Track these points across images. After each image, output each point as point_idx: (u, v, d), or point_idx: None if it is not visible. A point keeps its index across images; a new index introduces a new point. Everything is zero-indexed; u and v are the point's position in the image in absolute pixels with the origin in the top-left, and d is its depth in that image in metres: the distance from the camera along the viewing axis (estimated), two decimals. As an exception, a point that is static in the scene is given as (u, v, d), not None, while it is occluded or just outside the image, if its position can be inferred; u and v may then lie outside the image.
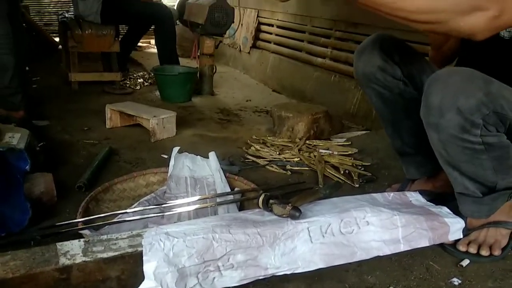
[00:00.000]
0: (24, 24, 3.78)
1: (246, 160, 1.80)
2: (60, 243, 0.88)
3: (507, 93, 0.95)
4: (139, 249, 0.87)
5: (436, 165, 1.13)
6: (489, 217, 1.11)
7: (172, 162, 1.47)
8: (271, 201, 1.03)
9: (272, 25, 3.46)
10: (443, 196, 1.27)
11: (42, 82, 3.08)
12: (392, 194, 1.23)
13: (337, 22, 2.67)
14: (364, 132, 2.16)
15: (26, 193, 1.23)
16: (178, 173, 1.45)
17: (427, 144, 1.08)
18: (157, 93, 2.84)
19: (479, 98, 0.91)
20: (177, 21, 3.18)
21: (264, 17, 3.56)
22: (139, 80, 3.18)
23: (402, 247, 1.05)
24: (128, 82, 3.14)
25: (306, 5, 2.99)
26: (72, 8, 3.18)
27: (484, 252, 1.08)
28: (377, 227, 1.04)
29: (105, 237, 0.91)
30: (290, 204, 1.01)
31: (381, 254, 1.03)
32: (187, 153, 1.55)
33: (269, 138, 2.05)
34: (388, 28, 2.24)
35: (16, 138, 1.47)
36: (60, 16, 3.14)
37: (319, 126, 2.08)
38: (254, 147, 1.92)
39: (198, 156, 1.55)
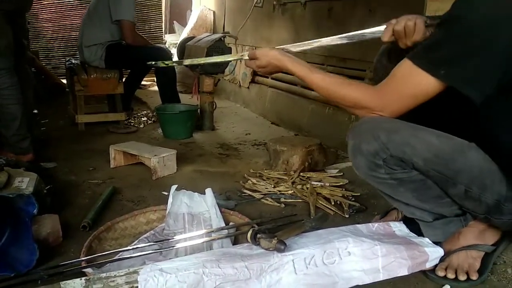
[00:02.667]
0: (33, 69, 4.00)
1: (243, 194, 1.88)
2: (64, 281, 0.96)
3: (415, 141, 1.07)
4: (135, 285, 0.95)
5: None
6: (460, 241, 1.18)
7: (170, 200, 1.56)
8: (258, 235, 1.11)
9: (269, 61, 3.61)
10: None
11: (50, 124, 3.23)
12: (376, 224, 1.30)
13: (328, 58, 2.81)
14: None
15: (33, 235, 1.32)
16: (176, 210, 1.53)
17: None
18: (160, 130, 2.96)
19: (375, 145, 1.08)
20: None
21: (261, 54, 3.72)
22: (143, 119, 3.32)
23: (382, 276, 1.11)
24: (132, 121, 3.28)
25: (299, 42, 3.13)
26: (77, 53, 3.37)
27: (461, 277, 1.14)
28: (358, 257, 1.11)
29: (104, 274, 0.99)
30: (276, 238, 1.09)
31: (361, 283, 1.10)
32: (185, 190, 1.64)
33: (265, 171, 2.14)
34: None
35: (25, 182, 1.58)
36: (67, 62, 3.32)
37: (313, 158, 2.17)
38: (251, 181, 2.00)
39: (196, 193, 1.63)
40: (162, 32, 5.92)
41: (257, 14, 3.63)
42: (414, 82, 1.04)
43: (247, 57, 1.39)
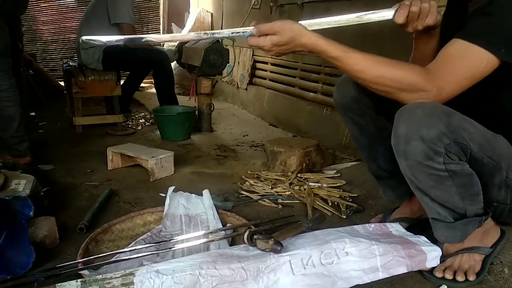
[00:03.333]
0: (31, 71, 4.01)
1: (240, 196, 1.88)
2: (59, 283, 0.96)
3: (467, 125, 1.03)
4: (131, 287, 0.95)
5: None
6: (463, 243, 1.17)
7: (167, 201, 1.56)
8: (255, 236, 1.11)
9: (267, 63, 3.63)
10: (421, 222, 1.33)
11: (48, 127, 3.23)
12: (373, 225, 1.30)
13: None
14: (353, 163, 2.24)
15: (30, 237, 1.31)
16: (173, 212, 1.54)
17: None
18: (158, 132, 2.96)
19: (440, 129, 1.00)
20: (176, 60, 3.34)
21: (259, 55, 3.73)
22: (140, 121, 3.32)
23: (381, 275, 1.11)
24: (130, 123, 3.28)
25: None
26: (75, 56, 3.37)
27: (460, 278, 1.13)
28: (356, 257, 1.11)
29: (100, 276, 0.99)
30: (272, 239, 1.09)
31: (361, 283, 1.09)
32: (182, 192, 1.64)
33: (263, 172, 2.14)
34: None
35: (22, 184, 1.58)
36: (64, 64, 3.32)
37: (311, 159, 2.17)
38: (249, 182, 2.00)
39: (193, 194, 1.63)
40: (160, 34, 5.93)
41: (255, 16, 3.63)
42: (473, 62, 0.99)
43: (251, 33, 1.09)
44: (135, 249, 1.31)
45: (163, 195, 1.85)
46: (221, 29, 4.38)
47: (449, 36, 1.11)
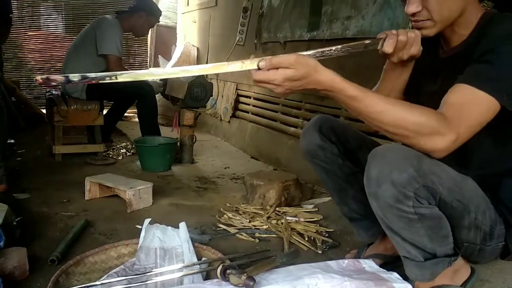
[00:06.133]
0: (13, 98, 3.99)
1: (218, 229, 1.88)
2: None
3: (438, 170, 1.07)
4: (99, 321, 0.93)
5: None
6: (433, 281, 1.19)
7: (143, 234, 1.54)
8: (228, 271, 1.11)
9: (250, 97, 3.70)
10: (394, 259, 1.35)
11: (27, 154, 3.19)
12: (346, 261, 1.32)
13: (306, 95, 2.89)
14: (331, 198, 2.27)
15: (-1, 269, 1.28)
16: (148, 244, 1.52)
17: (372, 209, 1.19)
18: (138, 163, 2.95)
19: (410, 173, 1.02)
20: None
21: (243, 90, 3.81)
22: (121, 151, 3.31)
23: (353, 312, 1.11)
24: (111, 152, 3.26)
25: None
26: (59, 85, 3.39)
27: (428, 314, 1.15)
28: (328, 293, 1.11)
29: (68, 311, 0.97)
30: (245, 274, 1.09)
31: (333, 319, 1.09)
32: (158, 224, 1.63)
33: (242, 205, 2.15)
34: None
35: (-6, 214, 1.55)
36: (47, 93, 3.33)
37: (289, 193, 2.19)
38: (227, 215, 2.00)
39: (169, 227, 1.62)
40: (147, 66, 6.01)
41: (239, 52, 3.74)
42: (483, 107, 1.01)
43: (256, 66, 0.98)
44: (106, 283, 1.29)
45: (140, 227, 1.83)
46: (207, 62, 4.48)
47: (423, 77, 1.17)
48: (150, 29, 3.83)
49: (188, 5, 5.03)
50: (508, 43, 1.03)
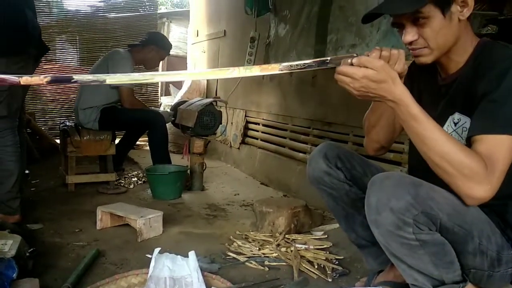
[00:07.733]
0: (28, 130, 4.10)
1: (227, 257, 1.88)
2: None
3: (436, 195, 1.07)
4: None
5: None
6: None
7: (152, 263, 1.56)
8: (236, 301, 1.11)
9: (259, 124, 3.75)
10: (404, 286, 1.34)
11: (41, 185, 3.25)
12: (355, 289, 1.31)
13: (314, 122, 2.93)
14: (341, 224, 2.26)
15: (11, 300, 1.30)
16: (158, 274, 1.53)
17: None
18: (149, 191, 2.99)
19: (408, 200, 1.04)
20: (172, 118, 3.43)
21: (251, 117, 3.87)
22: (133, 179, 3.35)
23: None
24: (122, 181, 3.31)
25: (286, 107, 3.31)
26: (73, 116, 3.48)
27: None
28: (337, 323, 1.11)
29: None
30: (253, 303, 1.09)
31: None
32: (168, 253, 1.64)
33: (251, 233, 2.15)
34: (356, 126, 2.47)
35: (8, 245, 1.58)
36: (61, 124, 3.42)
37: (299, 220, 2.19)
38: (236, 243, 2.01)
39: (179, 256, 1.63)
40: (158, 95, 6.14)
41: (247, 81, 3.82)
42: (506, 150, 1.03)
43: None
44: (116, 313, 1.29)
45: (150, 256, 1.83)
46: (216, 92, 4.58)
47: (425, 104, 1.19)
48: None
49: (197, 36, 5.18)
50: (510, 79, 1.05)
